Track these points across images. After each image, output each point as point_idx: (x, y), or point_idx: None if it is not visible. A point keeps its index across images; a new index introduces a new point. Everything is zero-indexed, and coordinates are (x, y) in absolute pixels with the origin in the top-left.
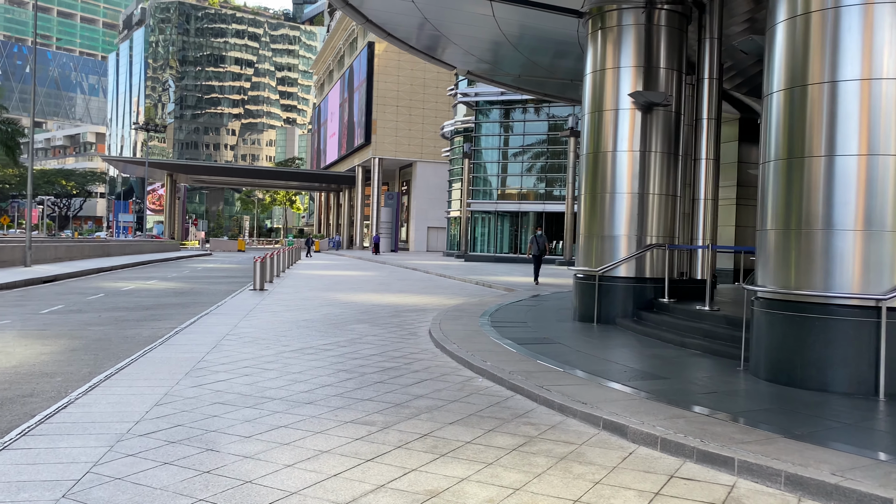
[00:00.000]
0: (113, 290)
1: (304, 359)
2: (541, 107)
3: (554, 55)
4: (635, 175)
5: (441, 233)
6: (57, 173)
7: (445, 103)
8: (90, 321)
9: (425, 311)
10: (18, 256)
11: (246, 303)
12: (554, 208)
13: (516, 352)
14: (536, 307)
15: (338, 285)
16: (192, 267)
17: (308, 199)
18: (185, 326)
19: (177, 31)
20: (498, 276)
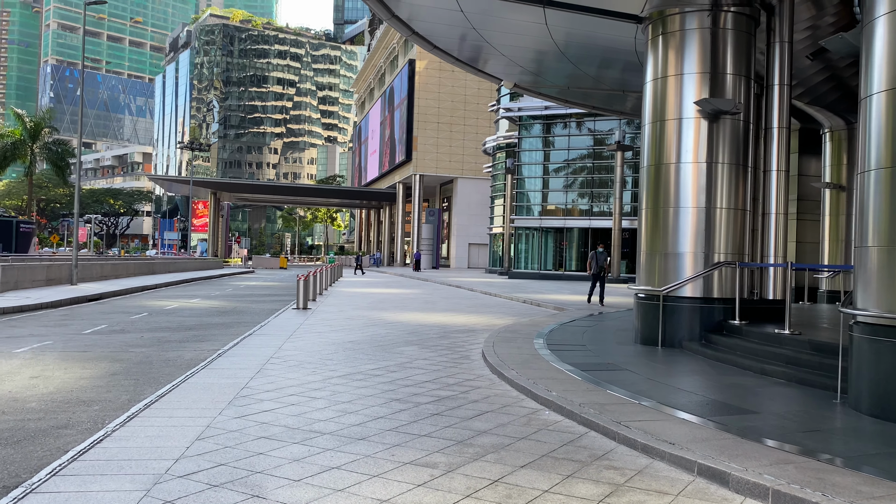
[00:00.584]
0: (156, 308)
1: (353, 385)
2: (585, 121)
3: (600, 65)
4: (701, 188)
5: (482, 249)
6: (105, 192)
7: (486, 119)
8: (132, 342)
9: (474, 331)
10: (65, 275)
11: (290, 322)
12: (600, 224)
13: (581, 379)
14: (592, 328)
15: (382, 304)
16: (235, 285)
17: (349, 217)
18: (228, 348)
19: (221, 53)
20: (545, 294)
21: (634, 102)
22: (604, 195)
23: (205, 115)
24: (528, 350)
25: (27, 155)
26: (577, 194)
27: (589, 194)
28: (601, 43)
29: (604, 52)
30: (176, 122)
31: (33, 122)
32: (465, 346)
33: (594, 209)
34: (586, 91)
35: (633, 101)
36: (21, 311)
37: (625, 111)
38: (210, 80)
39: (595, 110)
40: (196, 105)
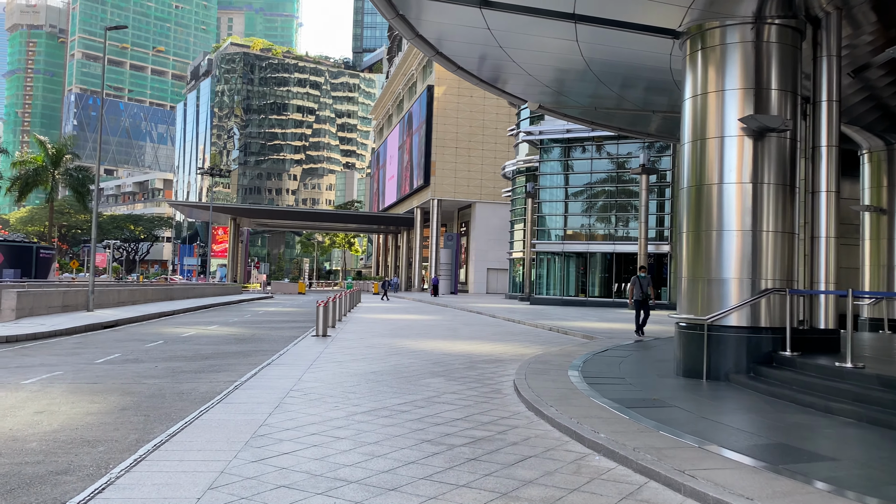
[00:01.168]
0: (173, 336)
1: (379, 423)
2: (607, 144)
3: (629, 84)
4: (746, 210)
5: (501, 274)
6: (126, 218)
7: (504, 144)
8: (145, 373)
9: (502, 361)
10: (82, 301)
11: (309, 351)
12: (624, 249)
13: (629, 418)
14: (628, 358)
15: (402, 331)
16: (254, 311)
17: (366, 242)
18: (245, 380)
19: (241, 81)
20: (572, 322)
21: (660, 123)
22: (628, 219)
23: (225, 142)
24: (563, 383)
25: (48, 181)
26: (600, 219)
27: (612, 219)
28: (633, 60)
29: (635, 71)
30: (196, 149)
31: (55, 148)
32: (494, 379)
33: (618, 234)
34: (612, 112)
35: (658, 121)
36: (34, 338)
37: (650, 132)
38: (231, 108)
39: (621, 132)
40: (216, 132)
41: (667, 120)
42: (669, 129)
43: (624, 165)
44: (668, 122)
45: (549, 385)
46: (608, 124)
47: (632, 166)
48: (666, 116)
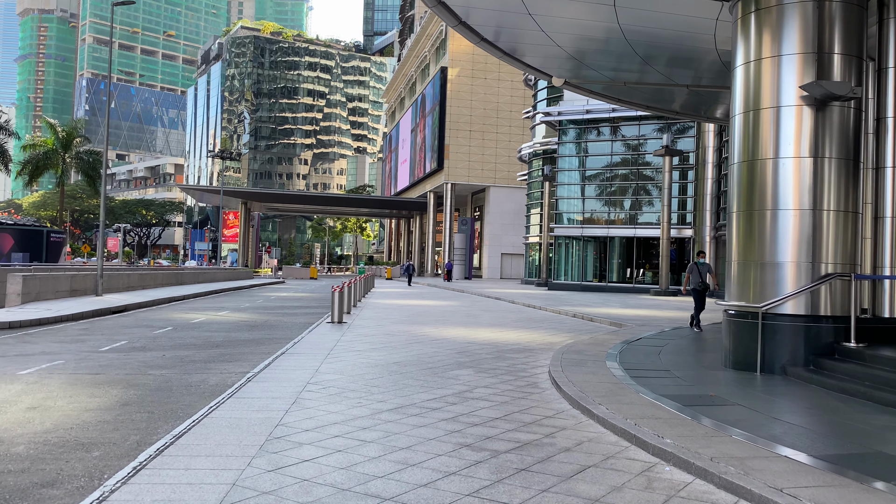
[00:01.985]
0: (182, 322)
1: (409, 423)
2: (628, 125)
3: (653, 56)
4: (804, 187)
5: (516, 259)
6: (137, 203)
7: (519, 127)
8: (152, 362)
9: (531, 351)
10: (90, 285)
11: (325, 339)
12: (645, 233)
13: (690, 419)
14: (666, 348)
15: (421, 317)
16: (265, 296)
17: (378, 227)
18: (258, 371)
19: (252, 65)
20: (595, 308)
21: (685, 99)
22: (649, 203)
23: (236, 126)
24: (605, 376)
25: (59, 165)
26: (620, 202)
27: (632, 202)
28: (673, 26)
29: (672, 40)
30: (207, 134)
31: (65, 131)
32: (527, 370)
33: (638, 218)
34: (638, 88)
35: (683, 97)
36: (38, 324)
37: (675, 109)
38: (241, 92)
39: (643, 108)
40: (227, 117)
41: (693, 96)
42: (695, 106)
43: (645, 147)
44: (694, 98)
45: (590, 378)
46: (630, 101)
47: (652, 148)
48: (692, 91)
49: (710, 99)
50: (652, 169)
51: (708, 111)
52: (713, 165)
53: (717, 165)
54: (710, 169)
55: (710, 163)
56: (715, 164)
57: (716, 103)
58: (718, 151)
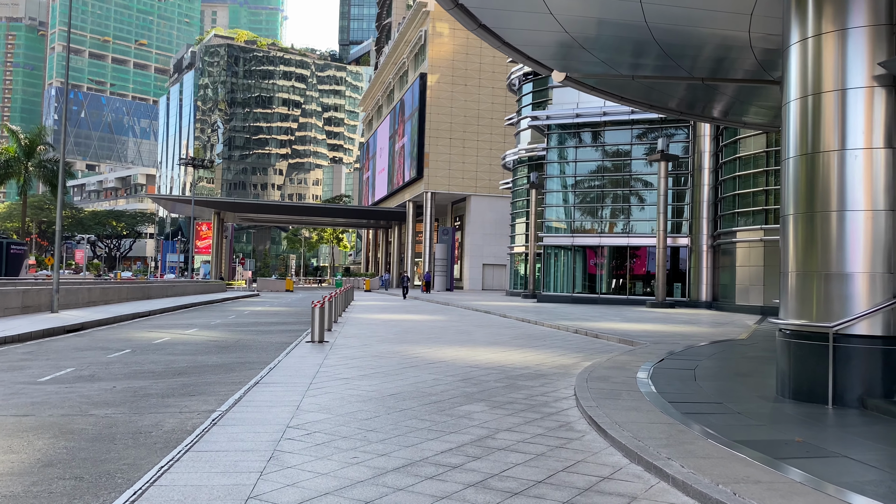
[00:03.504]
0: (143, 343)
1: (427, 494)
2: (620, 129)
3: (694, 42)
4: (878, 184)
5: (497, 270)
6: (107, 214)
7: (500, 134)
8: (98, 397)
9: (546, 377)
10: (45, 301)
11: (306, 363)
12: (640, 242)
13: (801, 482)
14: (698, 370)
15: (409, 335)
16: (239, 311)
17: (355, 237)
18: (226, 408)
19: (225, 74)
20: (594, 322)
21: (683, 95)
22: (643, 210)
23: (209, 136)
24: (651, 413)
25: (21, 173)
26: (612, 210)
27: (626, 210)
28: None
29: (704, 21)
30: (180, 144)
31: (28, 138)
32: (550, 403)
33: (632, 226)
34: (642, 83)
35: (682, 93)
36: None
37: (670, 107)
38: (214, 101)
39: (645, 107)
40: (200, 126)
41: (689, 92)
42: (690, 103)
43: (638, 152)
44: (690, 95)
45: (636, 417)
46: (626, 96)
47: (645, 153)
48: (689, 87)
49: (707, 95)
50: (645, 175)
51: (705, 109)
52: (710, 171)
53: (714, 171)
54: (707, 175)
55: (707, 168)
56: (712, 170)
57: (713, 101)
58: (715, 157)
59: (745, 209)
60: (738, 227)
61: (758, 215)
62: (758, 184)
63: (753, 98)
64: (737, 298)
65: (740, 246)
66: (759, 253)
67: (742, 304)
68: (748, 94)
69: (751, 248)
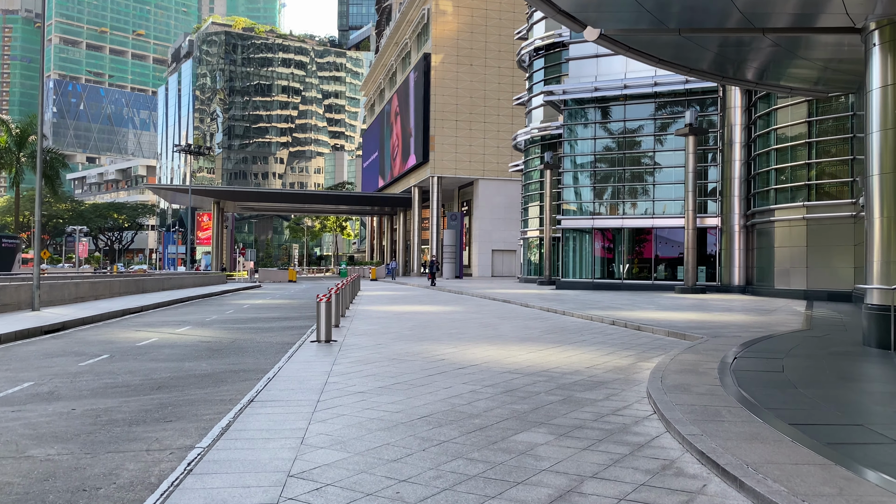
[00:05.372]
0: (126, 345)
1: None
2: (643, 102)
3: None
4: None
5: (507, 256)
6: (108, 207)
7: (508, 116)
8: (48, 425)
9: (604, 384)
10: (25, 298)
11: (312, 370)
12: (665, 224)
13: None
14: (787, 372)
15: (427, 330)
16: (238, 304)
17: (359, 225)
18: (208, 443)
19: (224, 62)
20: (629, 312)
21: (713, 57)
22: (668, 189)
23: (209, 125)
24: (784, 446)
25: (13, 164)
26: (635, 189)
27: (650, 189)
28: None
29: None
30: (179, 135)
31: (20, 128)
32: (628, 427)
33: (657, 207)
34: (684, 41)
35: (713, 54)
36: None
37: (702, 69)
38: (213, 90)
39: (674, 67)
40: (199, 116)
41: (720, 52)
42: (721, 65)
43: (662, 127)
44: (720, 56)
45: (765, 452)
46: (654, 55)
47: (670, 129)
48: (722, 44)
49: (741, 54)
50: (670, 151)
51: (737, 71)
52: (741, 146)
53: (746, 146)
54: (738, 150)
55: (738, 142)
56: (743, 144)
57: (746, 60)
58: (747, 130)
59: (783, 185)
60: (776, 204)
61: (799, 191)
62: (798, 157)
63: (793, 56)
64: (776, 282)
65: (779, 225)
66: (802, 232)
67: (782, 289)
68: (788, 50)
69: (791, 227)
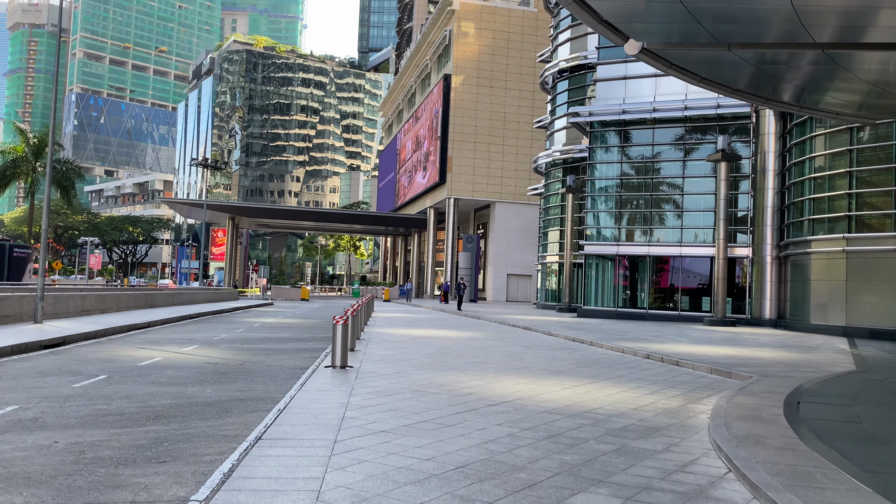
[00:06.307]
0: (126, 365)
1: None
2: (672, 126)
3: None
4: None
5: (523, 281)
6: (124, 220)
7: (527, 139)
8: (20, 464)
9: (658, 430)
10: (28, 309)
11: (326, 401)
12: (694, 252)
13: None
14: (869, 423)
15: (448, 357)
16: (249, 322)
17: (372, 245)
18: (206, 494)
19: (244, 80)
20: (661, 344)
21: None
22: (697, 217)
23: (227, 142)
24: None
25: (29, 174)
26: (663, 216)
27: (678, 216)
28: None
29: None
30: (197, 150)
31: (37, 138)
32: (704, 490)
33: (685, 235)
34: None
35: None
36: None
37: (738, 88)
38: (233, 107)
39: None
40: (218, 132)
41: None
42: (757, 85)
43: (692, 153)
44: (757, 76)
45: None
46: (691, 70)
47: (701, 154)
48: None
49: (778, 73)
50: (699, 178)
51: (775, 92)
52: (775, 173)
53: (780, 174)
54: (771, 177)
55: (771, 170)
56: (777, 172)
57: (783, 80)
58: (782, 157)
59: (820, 215)
60: (812, 235)
61: (838, 222)
62: (837, 186)
63: (833, 78)
64: (811, 317)
65: (816, 257)
66: (841, 265)
67: (818, 324)
68: (828, 70)
69: (830, 259)
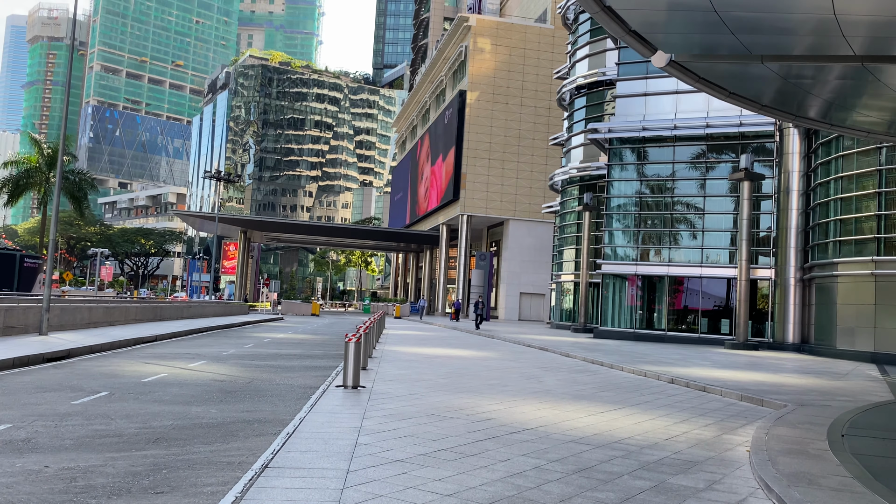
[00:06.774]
0: (130, 381)
1: None
2: (693, 144)
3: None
4: None
5: (536, 300)
6: (136, 232)
7: (543, 156)
8: (8, 491)
9: (696, 464)
10: (33, 321)
11: (338, 424)
12: (715, 273)
13: None
14: None
15: (463, 378)
16: (258, 337)
17: (384, 261)
18: None
19: (259, 95)
20: (685, 368)
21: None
22: (719, 237)
23: (240, 156)
24: None
25: (42, 184)
26: (683, 236)
27: (699, 235)
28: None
29: None
30: (211, 164)
31: (51, 148)
32: None
33: (706, 255)
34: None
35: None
36: None
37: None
38: (247, 122)
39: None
40: (231, 146)
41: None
42: (783, 101)
43: (712, 171)
44: (783, 91)
45: None
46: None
47: (723, 172)
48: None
49: (805, 87)
50: (720, 197)
51: (801, 107)
52: (799, 193)
53: (805, 194)
54: (795, 198)
55: (795, 190)
56: (801, 193)
57: (810, 94)
58: (806, 178)
59: (847, 237)
60: (838, 257)
61: (866, 244)
62: (866, 208)
63: (863, 91)
64: (837, 342)
65: (843, 280)
66: (870, 289)
67: (845, 349)
68: (856, 85)
69: (857, 282)
